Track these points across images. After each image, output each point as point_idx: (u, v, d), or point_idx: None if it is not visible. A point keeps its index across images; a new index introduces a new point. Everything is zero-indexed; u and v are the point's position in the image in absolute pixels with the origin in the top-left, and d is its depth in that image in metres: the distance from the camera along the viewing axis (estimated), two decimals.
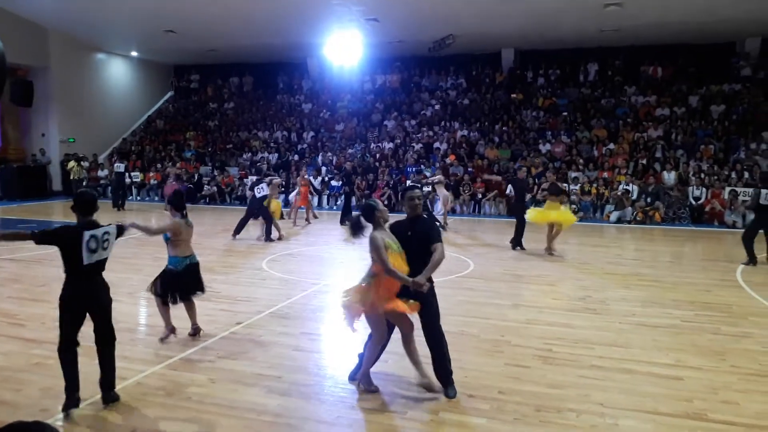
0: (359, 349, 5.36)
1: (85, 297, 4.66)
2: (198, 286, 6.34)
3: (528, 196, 13.04)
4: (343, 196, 17.24)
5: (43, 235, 4.47)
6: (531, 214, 11.76)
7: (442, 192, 15.38)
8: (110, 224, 4.81)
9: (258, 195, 12.94)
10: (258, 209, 12.96)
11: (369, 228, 4.90)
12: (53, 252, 4.66)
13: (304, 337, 6.47)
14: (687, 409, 4.72)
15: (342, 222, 15.71)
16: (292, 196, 13.69)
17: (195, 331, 6.36)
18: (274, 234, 13.01)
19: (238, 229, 13.04)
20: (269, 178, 13.78)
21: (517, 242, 12.05)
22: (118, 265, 4.76)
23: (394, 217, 5.00)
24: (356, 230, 4.89)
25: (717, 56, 21.37)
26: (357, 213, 4.98)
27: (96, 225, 4.66)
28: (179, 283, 6.15)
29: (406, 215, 5.10)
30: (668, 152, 19.04)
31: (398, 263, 4.71)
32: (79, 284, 4.61)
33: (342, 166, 20.16)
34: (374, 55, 23.49)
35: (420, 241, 4.87)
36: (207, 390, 5.05)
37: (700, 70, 21.55)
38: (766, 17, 17.85)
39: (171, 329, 6.23)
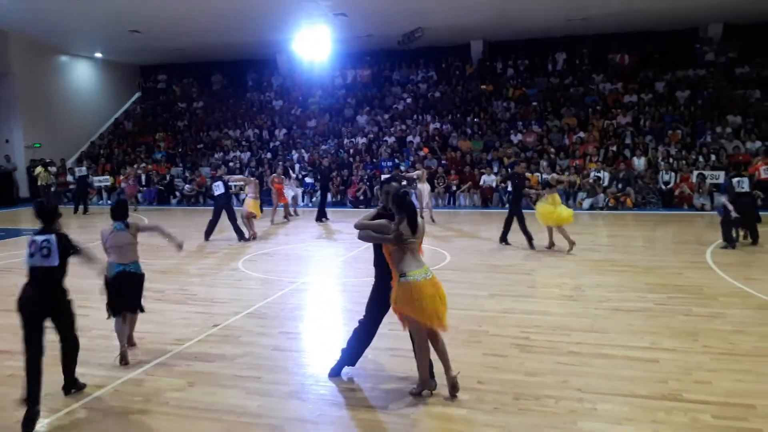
0: (341, 345, 5.35)
1: (31, 301, 4.70)
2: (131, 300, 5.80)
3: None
4: (318, 193, 17.20)
5: None
6: (539, 213, 10.94)
7: (423, 186, 15.21)
8: (53, 234, 4.78)
9: (215, 193, 12.85)
10: (222, 208, 12.81)
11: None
12: (19, 261, 4.60)
13: (282, 337, 6.44)
14: (662, 390, 4.82)
15: (318, 219, 15.66)
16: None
17: (123, 356, 5.68)
18: (247, 233, 12.91)
19: (209, 231, 12.90)
20: (227, 177, 13.64)
21: (503, 238, 11.73)
22: (93, 271, 4.68)
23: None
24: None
25: (681, 42, 21.75)
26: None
27: (44, 232, 4.75)
28: (110, 293, 5.70)
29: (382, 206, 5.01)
30: (637, 138, 19.35)
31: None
32: (26, 287, 4.76)
33: (316, 162, 20.10)
34: (344, 50, 23.40)
35: None
36: (185, 394, 5.00)
37: (665, 56, 21.90)
38: (726, 2, 18.21)
39: (122, 350, 5.68)
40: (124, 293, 5.73)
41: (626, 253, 10.81)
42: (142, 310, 6.00)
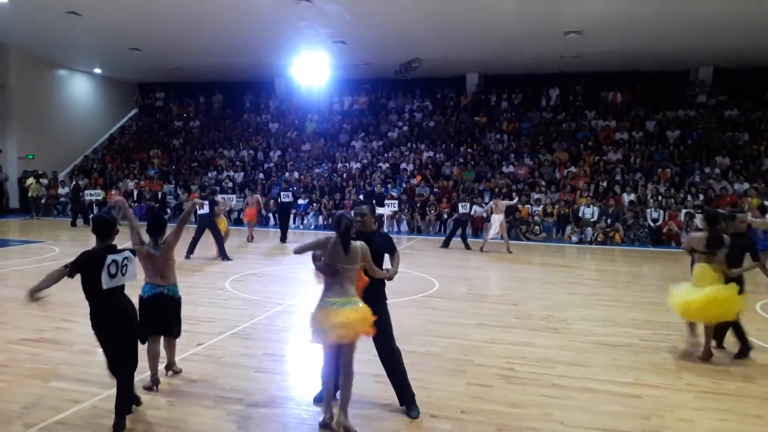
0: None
1: (108, 321, 4.57)
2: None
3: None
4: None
5: (73, 267, 4.44)
6: (677, 302, 6.75)
7: (494, 218, 15.18)
8: (127, 249, 4.74)
9: (199, 212, 12.95)
10: (206, 227, 13.00)
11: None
12: (9, 272, 4.56)
13: (266, 359, 6.39)
14: (645, 427, 4.81)
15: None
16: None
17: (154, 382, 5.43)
18: (229, 252, 13.05)
19: (191, 249, 12.94)
20: (211, 197, 13.76)
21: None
22: (78, 284, 4.64)
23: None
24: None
25: (672, 83, 22.17)
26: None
27: (116, 249, 4.60)
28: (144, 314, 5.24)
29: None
30: (627, 175, 19.58)
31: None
32: (101, 309, 4.55)
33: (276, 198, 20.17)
34: (341, 76, 23.69)
35: (375, 255, 4.85)
36: (164, 413, 4.94)
37: (656, 96, 22.31)
38: (717, 47, 18.65)
39: (154, 377, 5.41)
40: (159, 317, 5.37)
41: (613, 288, 10.85)
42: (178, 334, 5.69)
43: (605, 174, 19.71)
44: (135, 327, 4.82)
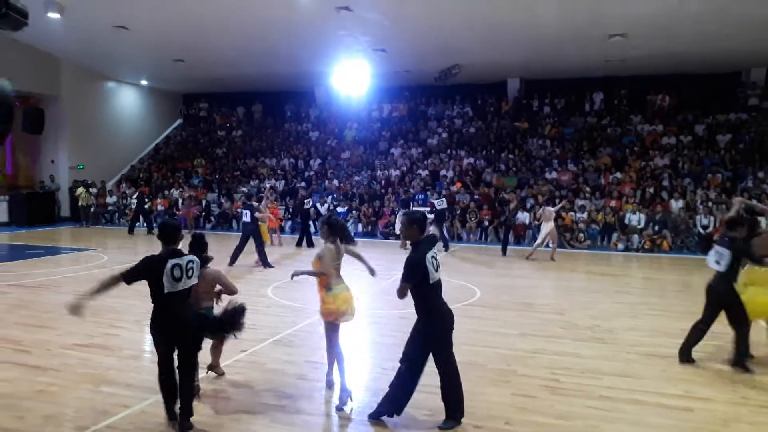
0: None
1: (171, 324, 4.66)
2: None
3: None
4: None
5: (132, 273, 4.54)
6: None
7: (543, 226, 14.93)
8: (192, 255, 4.93)
9: (243, 220, 13.11)
10: (250, 235, 13.07)
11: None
12: (61, 278, 4.70)
13: (308, 366, 6.42)
14: None
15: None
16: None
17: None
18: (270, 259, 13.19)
19: (234, 257, 13.06)
20: (251, 203, 13.82)
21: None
22: (126, 292, 4.75)
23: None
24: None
25: (722, 86, 21.47)
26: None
27: (180, 254, 4.71)
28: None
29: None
30: (675, 181, 19.04)
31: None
32: (162, 313, 4.64)
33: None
34: (381, 84, 23.76)
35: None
36: (211, 420, 5.00)
37: (705, 99, 21.64)
38: None
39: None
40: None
41: (662, 297, 10.54)
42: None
43: (652, 180, 19.21)
44: (191, 335, 4.82)
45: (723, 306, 6.52)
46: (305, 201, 17.44)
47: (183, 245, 4.85)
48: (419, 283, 4.68)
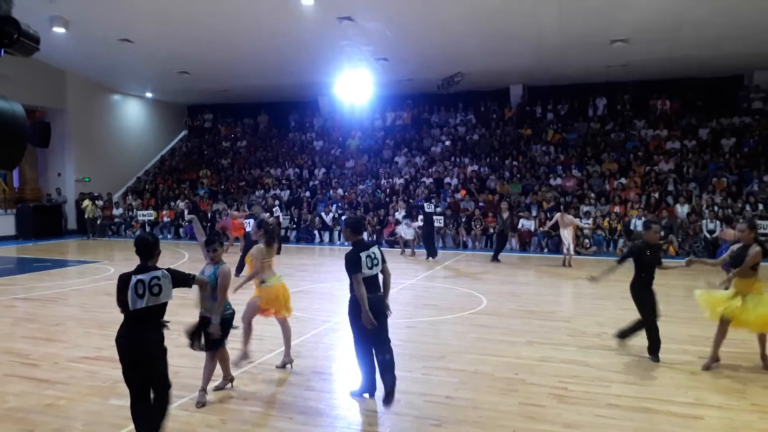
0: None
1: (132, 343, 4.43)
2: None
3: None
4: None
5: (117, 297, 4.45)
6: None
7: (562, 233, 14.97)
8: (163, 269, 4.54)
9: (247, 230, 13.27)
10: (253, 244, 13.06)
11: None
12: (68, 291, 4.71)
13: (315, 377, 6.42)
14: None
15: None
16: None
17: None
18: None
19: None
20: (255, 214, 13.93)
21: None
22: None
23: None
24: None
25: (725, 89, 21.46)
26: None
27: (149, 269, 4.47)
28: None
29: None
30: (680, 185, 18.99)
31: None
32: (122, 329, 4.48)
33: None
34: (384, 92, 23.87)
35: None
36: (218, 431, 5.00)
37: (708, 103, 21.63)
38: None
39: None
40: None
41: (668, 303, 10.45)
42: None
43: (657, 185, 19.17)
44: (146, 362, 4.47)
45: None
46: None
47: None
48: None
